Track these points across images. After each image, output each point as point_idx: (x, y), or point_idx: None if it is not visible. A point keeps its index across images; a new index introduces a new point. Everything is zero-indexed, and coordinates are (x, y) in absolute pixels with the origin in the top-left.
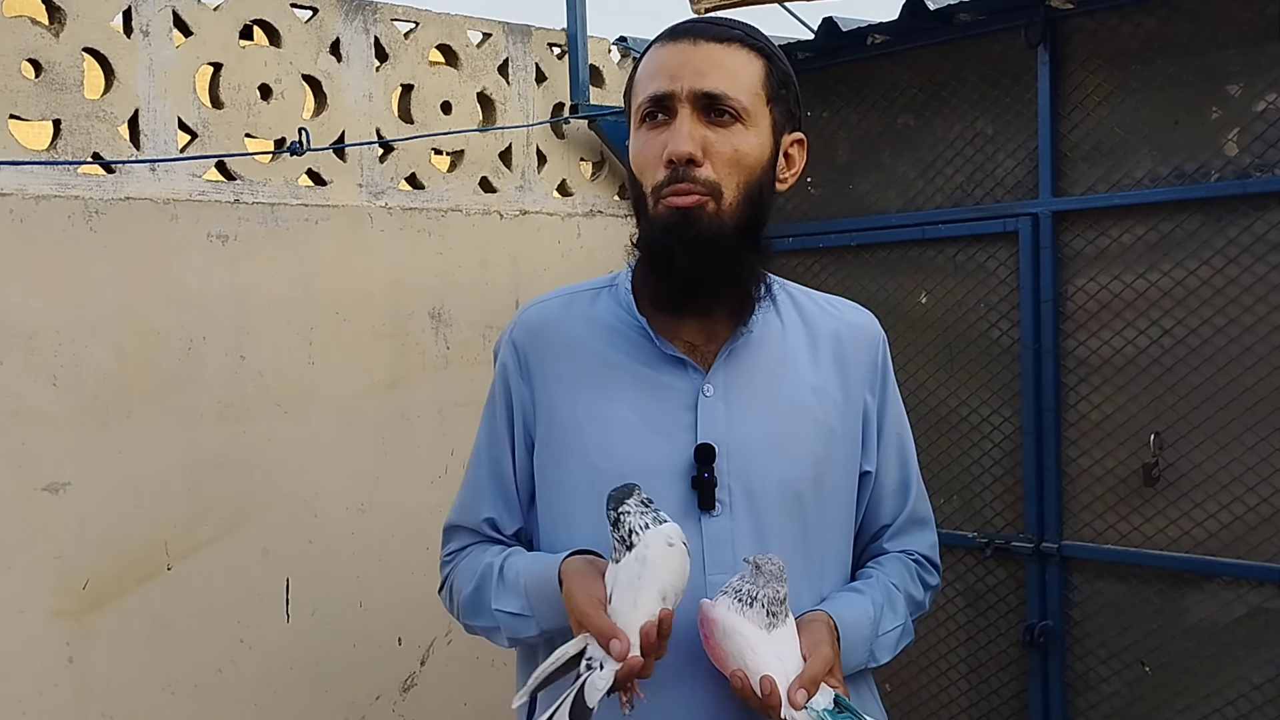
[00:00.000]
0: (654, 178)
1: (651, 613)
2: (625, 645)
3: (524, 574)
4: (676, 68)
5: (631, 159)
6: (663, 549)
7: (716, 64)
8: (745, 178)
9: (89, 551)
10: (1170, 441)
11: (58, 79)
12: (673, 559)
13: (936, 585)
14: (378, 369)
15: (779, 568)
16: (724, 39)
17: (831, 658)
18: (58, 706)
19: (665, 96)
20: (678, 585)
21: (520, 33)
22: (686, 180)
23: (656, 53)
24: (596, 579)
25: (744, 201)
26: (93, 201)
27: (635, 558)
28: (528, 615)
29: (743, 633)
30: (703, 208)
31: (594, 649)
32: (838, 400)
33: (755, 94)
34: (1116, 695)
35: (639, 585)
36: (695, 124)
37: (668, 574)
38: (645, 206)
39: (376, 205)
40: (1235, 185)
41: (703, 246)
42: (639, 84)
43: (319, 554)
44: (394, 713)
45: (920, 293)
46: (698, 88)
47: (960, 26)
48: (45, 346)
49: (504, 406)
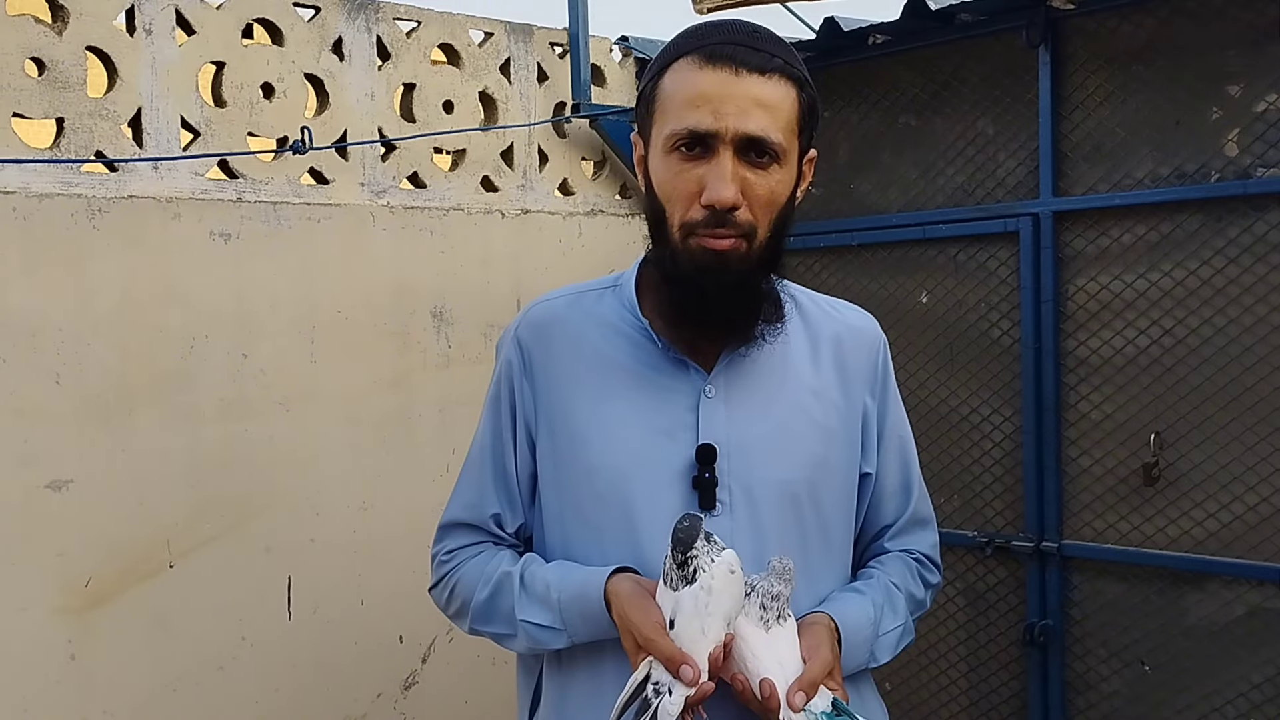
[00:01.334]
0: (686, 213)
1: (719, 640)
2: (697, 672)
3: (555, 588)
4: (719, 102)
5: (656, 180)
6: (726, 577)
7: (759, 102)
8: (776, 214)
9: (91, 549)
10: (1170, 441)
11: (60, 77)
12: (734, 586)
13: (938, 584)
14: (379, 368)
15: (785, 567)
16: (765, 70)
17: (831, 661)
18: (60, 703)
19: (709, 135)
20: (736, 610)
21: (522, 32)
22: (726, 225)
23: (694, 75)
24: (652, 602)
25: (772, 237)
26: (95, 200)
27: (702, 586)
28: (559, 629)
29: (743, 635)
30: (737, 250)
31: (659, 673)
32: (838, 403)
33: (791, 130)
34: (1116, 694)
35: (706, 613)
36: (736, 165)
37: (731, 601)
38: (668, 235)
39: (378, 204)
40: (1236, 185)
41: (735, 287)
42: (671, 103)
43: (321, 552)
44: (395, 711)
45: (921, 292)
46: (742, 130)
47: (961, 26)
48: (48, 344)
49: (507, 404)
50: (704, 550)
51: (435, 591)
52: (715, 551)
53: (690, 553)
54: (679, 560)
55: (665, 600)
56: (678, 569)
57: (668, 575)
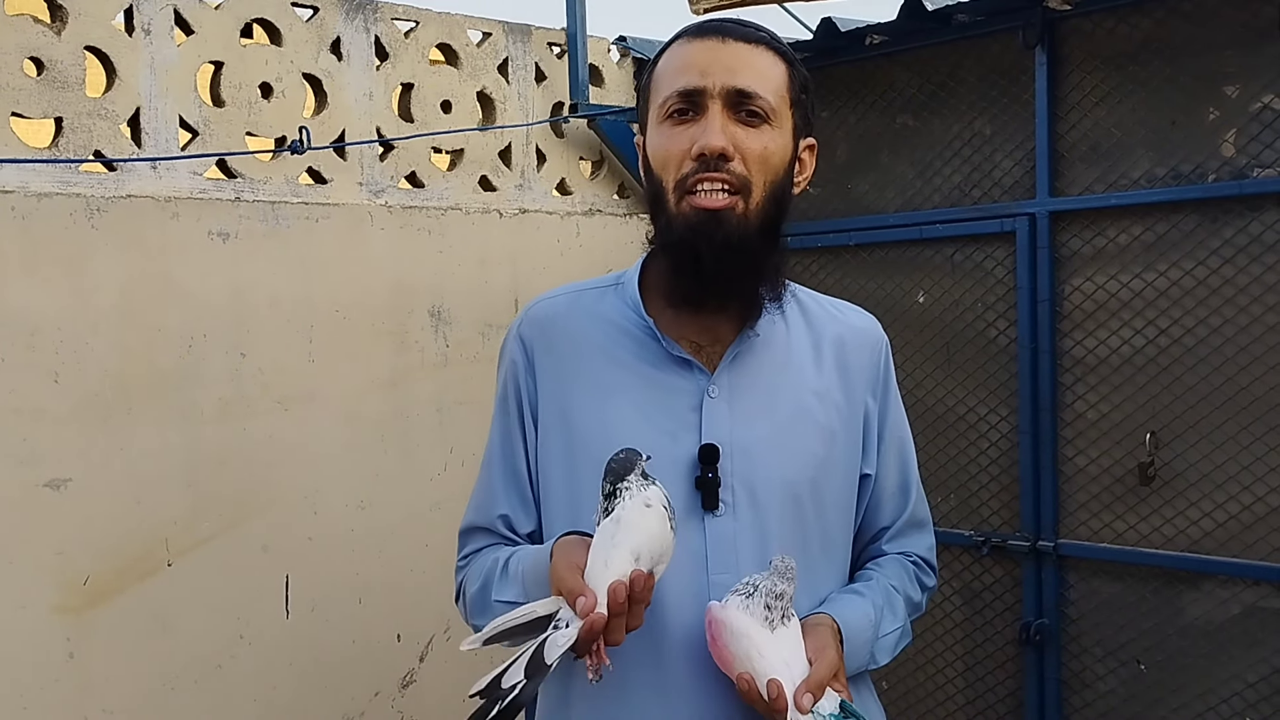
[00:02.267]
0: (679, 171)
1: (622, 573)
2: (591, 602)
3: (523, 562)
4: (707, 64)
5: (652, 153)
6: (639, 509)
7: (746, 63)
8: (771, 177)
9: (90, 547)
10: (1166, 441)
11: (59, 77)
12: (648, 520)
13: (933, 587)
14: (377, 367)
15: (787, 567)
16: (751, 40)
17: (837, 662)
18: (58, 702)
19: (696, 92)
20: (654, 548)
21: (520, 32)
22: (719, 171)
23: (682, 48)
24: (581, 549)
25: (769, 201)
26: (94, 199)
27: (612, 519)
28: (523, 601)
29: (750, 635)
30: (732, 209)
31: (565, 611)
32: (840, 403)
33: (781, 96)
34: (1112, 693)
35: (611, 545)
36: (726, 120)
37: (643, 535)
38: (665, 203)
39: (376, 204)
40: (1231, 186)
41: (730, 247)
42: (662, 78)
43: (319, 551)
44: (393, 709)
45: (918, 292)
46: (730, 84)
47: (958, 27)
48: (46, 343)
49: (514, 404)
50: (633, 484)
51: (458, 603)
52: (643, 486)
53: (619, 485)
54: (605, 492)
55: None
56: (603, 501)
57: (598, 514)
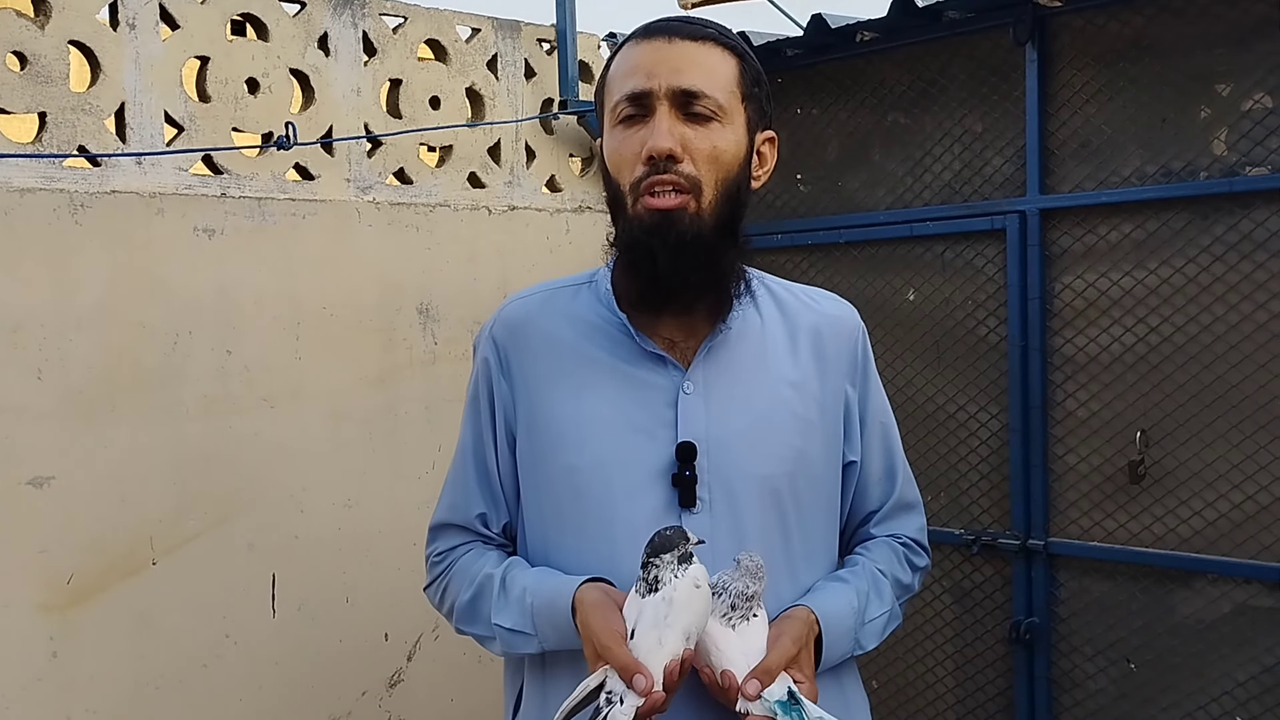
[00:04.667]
0: (632, 175)
1: (676, 653)
2: (650, 682)
3: (530, 592)
4: (652, 65)
5: (608, 157)
6: (689, 591)
7: (693, 61)
8: (723, 175)
9: (73, 546)
10: (1156, 439)
11: (43, 72)
12: (697, 601)
13: (925, 566)
14: (365, 364)
15: (756, 565)
16: (698, 37)
17: (792, 651)
18: (41, 701)
19: (643, 95)
20: (700, 626)
21: (509, 28)
22: (668, 173)
23: (630, 51)
24: (616, 612)
25: (722, 199)
26: (78, 195)
27: (663, 598)
28: (530, 634)
29: (711, 633)
30: (684, 209)
31: (614, 682)
32: (817, 394)
33: (730, 91)
34: (1102, 692)
35: (665, 625)
36: (674, 121)
37: (693, 616)
38: (623, 206)
39: (364, 200)
40: (1222, 184)
41: (684, 247)
42: (613, 83)
43: (305, 550)
44: (380, 709)
45: (908, 290)
46: (675, 85)
47: (949, 24)
48: (30, 340)
49: (486, 403)
50: (669, 561)
51: (429, 591)
52: (682, 563)
53: (655, 559)
54: (643, 564)
55: (631, 609)
56: (642, 574)
57: (637, 582)
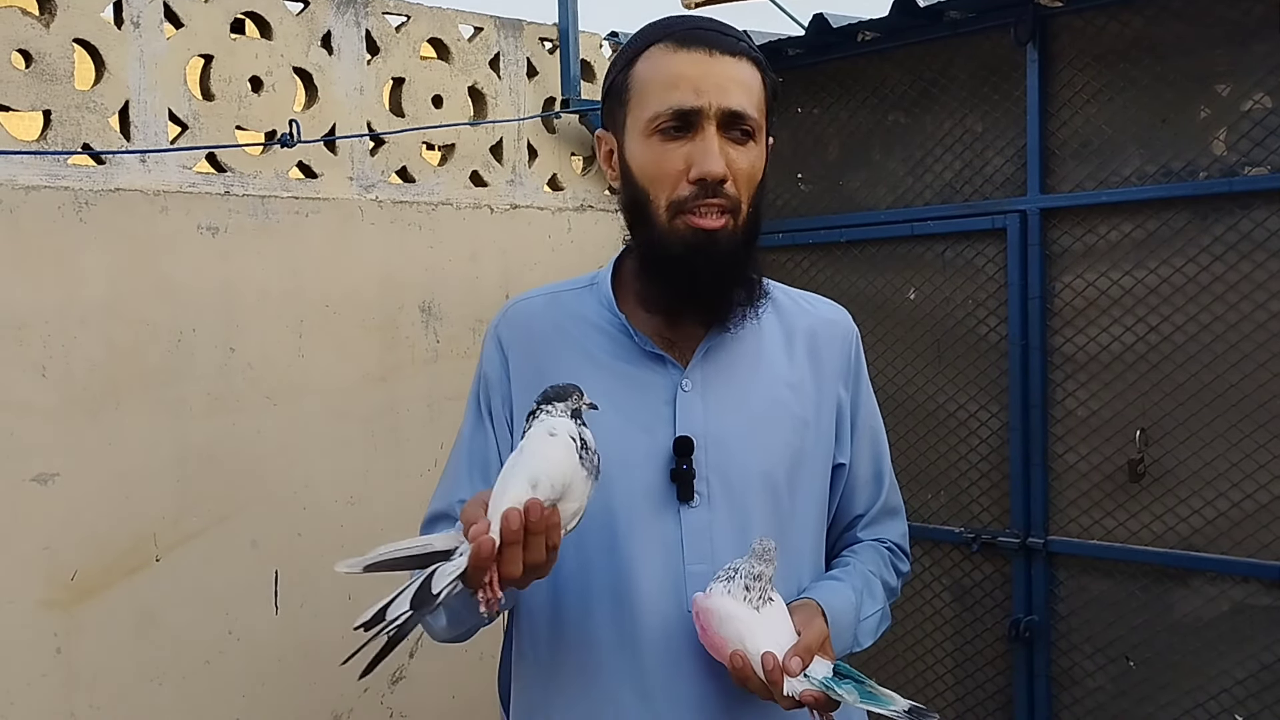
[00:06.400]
0: (674, 192)
1: (518, 500)
2: (484, 527)
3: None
4: (698, 80)
5: (636, 165)
6: (541, 438)
7: (735, 80)
8: (755, 191)
9: (77, 542)
10: (1156, 438)
11: (48, 70)
12: (551, 448)
13: (907, 573)
14: (367, 362)
15: (766, 549)
16: (735, 52)
17: (825, 630)
18: (45, 697)
19: (692, 112)
20: (554, 476)
21: (512, 27)
22: (717, 196)
23: (668, 59)
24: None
25: (753, 214)
26: (82, 193)
27: (516, 449)
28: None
29: (738, 617)
30: (726, 228)
31: (465, 545)
32: (812, 395)
33: (761, 110)
34: (1101, 690)
35: (511, 472)
36: (722, 142)
37: (543, 461)
38: (652, 217)
39: (367, 198)
40: (1222, 183)
41: (725, 264)
42: (649, 88)
43: (308, 546)
44: (382, 705)
45: (909, 289)
46: (725, 105)
47: (950, 24)
48: (34, 337)
49: (486, 401)
50: (546, 410)
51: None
52: (563, 414)
53: (541, 407)
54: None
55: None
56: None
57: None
